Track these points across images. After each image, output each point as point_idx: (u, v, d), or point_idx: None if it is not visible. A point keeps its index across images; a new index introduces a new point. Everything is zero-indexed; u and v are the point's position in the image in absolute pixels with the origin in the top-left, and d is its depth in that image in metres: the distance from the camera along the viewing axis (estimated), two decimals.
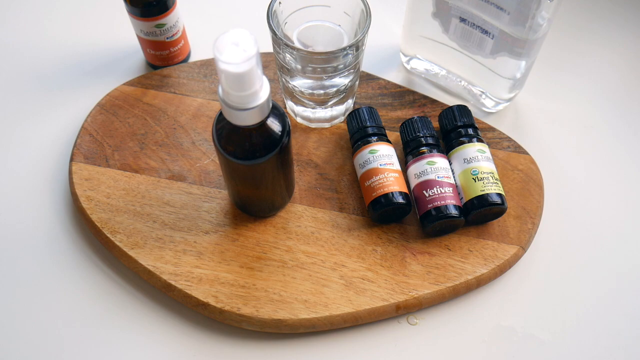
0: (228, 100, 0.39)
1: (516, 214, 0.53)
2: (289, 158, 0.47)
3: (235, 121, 0.41)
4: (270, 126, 0.43)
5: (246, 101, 0.39)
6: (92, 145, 0.56)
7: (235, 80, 0.38)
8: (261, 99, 0.39)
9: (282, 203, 0.51)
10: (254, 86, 0.38)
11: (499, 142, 0.56)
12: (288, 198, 0.52)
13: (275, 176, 0.47)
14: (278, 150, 0.43)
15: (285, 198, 0.51)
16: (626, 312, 0.50)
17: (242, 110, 0.39)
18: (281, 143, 0.43)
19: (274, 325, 0.48)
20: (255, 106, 0.39)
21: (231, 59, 0.37)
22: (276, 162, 0.44)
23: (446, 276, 0.50)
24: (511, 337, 0.49)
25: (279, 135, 0.43)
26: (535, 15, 0.48)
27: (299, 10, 0.52)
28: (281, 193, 0.50)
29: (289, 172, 0.49)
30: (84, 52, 0.64)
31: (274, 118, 0.43)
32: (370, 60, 0.63)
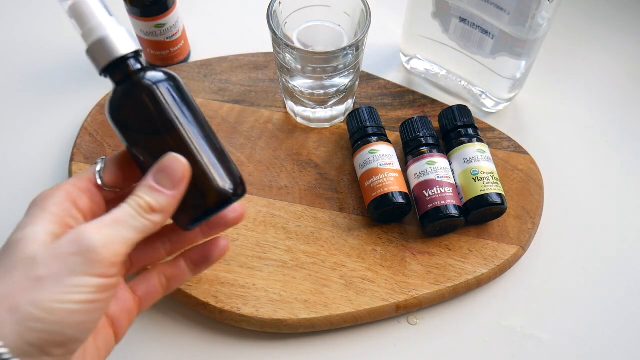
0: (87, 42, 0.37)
1: (516, 214, 0.53)
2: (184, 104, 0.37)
3: (100, 60, 0.36)
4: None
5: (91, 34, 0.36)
6: (92, 145, 0.56)
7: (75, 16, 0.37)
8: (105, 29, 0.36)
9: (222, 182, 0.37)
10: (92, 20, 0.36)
11: (499, 142, 0.56)
12: (226, 176, 0.37)
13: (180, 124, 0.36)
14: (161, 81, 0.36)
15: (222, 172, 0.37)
16: (626, 311, 0.50)
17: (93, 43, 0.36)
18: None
19: (274, 325, 0.48)
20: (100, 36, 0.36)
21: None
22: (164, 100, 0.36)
23: (446, 276, 0.50)
24: (511, 337, 0.49)
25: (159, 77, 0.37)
26: (535, 16, 0.48)
27: (299, 10, 0.52)
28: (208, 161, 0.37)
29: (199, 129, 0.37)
30: (85, 52, 0.64)
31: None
32: (370, 60, 0.63)
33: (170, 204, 0.34)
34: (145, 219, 0.33)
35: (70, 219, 0.34)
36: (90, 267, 0.31)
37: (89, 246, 0.31)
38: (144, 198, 0.33)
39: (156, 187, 0.34)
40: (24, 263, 0.31)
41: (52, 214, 0.33)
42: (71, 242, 0.31)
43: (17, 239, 0.32)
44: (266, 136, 0.57)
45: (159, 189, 0.34)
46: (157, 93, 0.36)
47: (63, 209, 0.34)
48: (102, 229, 0.32)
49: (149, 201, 0.33)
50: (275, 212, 0.53)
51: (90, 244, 0.31)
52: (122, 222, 0.32)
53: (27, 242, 0.31)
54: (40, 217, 0.33)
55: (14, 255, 0.31)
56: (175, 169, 0.34)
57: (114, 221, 0.32)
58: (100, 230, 0.32)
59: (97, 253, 0.31)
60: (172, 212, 0.35)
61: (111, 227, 0.32)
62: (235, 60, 0.61)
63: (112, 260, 0.31)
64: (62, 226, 0.33)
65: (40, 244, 0.31)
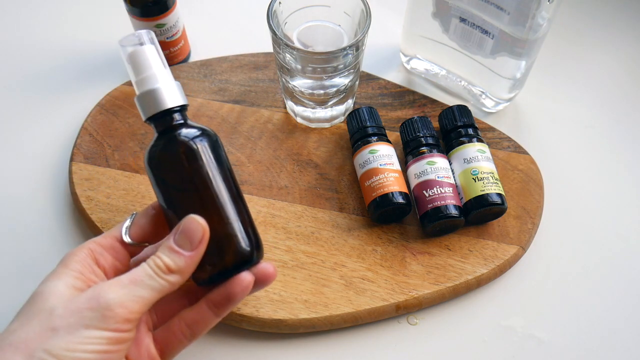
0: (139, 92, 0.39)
1: (516, 214, 0.53)
2: (223, 171, 0.39)
3: (147, 110, 0.39)
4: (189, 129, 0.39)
5: (145, 83, 0.39)
6: (92, 145, 0.56)
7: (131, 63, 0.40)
8: (159, 81, 0.39)
9: (245, 246, 0.38)
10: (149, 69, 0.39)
11: (499, 142, 0.56)
12: (252, 244, 0.39)
13: (216, 186, 0.38)
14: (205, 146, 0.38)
15: (245, 237, 0.38)
16: (626, 311, 0.50)
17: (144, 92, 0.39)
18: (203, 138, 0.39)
19: (274, 325, 0.48)
20: (153, 87, 0.39)
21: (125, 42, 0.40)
22: (206, 163, 0.38)
23: (446, 276, 0.50)
24: (511, 337, 0.49)
25: (199, 132, 0.39)
26: (535, 15, 0.48)
27: (299, 10, 0.52)
28: (235, 223, 0.38)
29: (232, 194, 0.39)
30: (84, 52, 0.64)
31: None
32: (370, 60, 0.63)
33: (188, 265, 0.36)
34: (163, 279, 0.35)
35: (91, 275, 0.36)
36: (104, 322, 0.33)
37: (105, 303, 0.33)
38: (163, 259, 0.36)
39: (175, 248, 0.36)
40: (43, 314, 0.33)
41: (73, 270, 0.36)
42: (89, 298, 0.34)
43: (40, 291, 0.35)
44: (266, 136, 0.57)
45: (178, 250, 0.36)
46: (194, 150, 0.38)
47: (84, 266, 0.36)
48: (119, 288, 0.34)
49: (167, 262, 0.36)
50: (275, 212, 0.53)
51: (105, 301, 0.33)
52: (140, 281, 0.35)
53: (47, 295, 0.34)
54: (62, 273, 0.36)
55: (35, 306, 0.34)
56: (194, 231, 0.36)
57: (131, 281, 0.35)
58: (117, 289, 0.34)
59: (112, 310, 0.33)
60: (190, 272, 0.37)
61: (128, 287, 0.34)
62: (235, 60, 0.61)
63: (126, 317, 0.34)
64: (84, 281, 0.36)
65: (60, 298, 0.34)
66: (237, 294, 0.37)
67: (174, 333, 0.38)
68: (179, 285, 0.36)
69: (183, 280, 0.36)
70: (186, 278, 0.37)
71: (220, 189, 0.38)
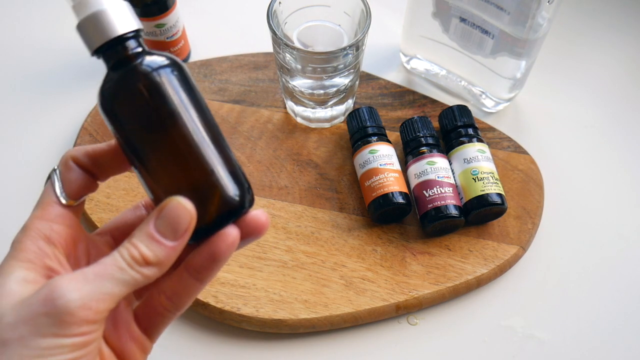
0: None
1: (516, 214, 0.53)
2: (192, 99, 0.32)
3: (93, 41, 0.32)
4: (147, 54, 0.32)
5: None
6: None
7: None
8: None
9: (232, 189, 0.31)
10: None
11: (499, 142, 0.56)
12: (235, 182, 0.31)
13: (192, 124, 0.31)
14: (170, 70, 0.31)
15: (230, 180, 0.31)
16: (626, 311, 0.50)
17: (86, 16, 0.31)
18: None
19: (274, 325, 0.48)
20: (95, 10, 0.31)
21: None
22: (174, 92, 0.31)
23: (446, 276, 0.50)
24: (511, 337, 0.49)
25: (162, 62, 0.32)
26: (535, 15, 0.48)
27: (299, 10, 0.52)
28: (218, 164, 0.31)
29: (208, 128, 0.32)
30: (84, 52, 0.64)
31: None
32: (370, 60, 0.63)
33: (169, 256, 0.30)
34: (137, 272, 0.29)
35: (46, 259, 0.30)
36: (63, 329, 0.27)
37: (63, 306, 0.27)
38: (140, 248, 0.29)
39: (156, 236, 0.29)
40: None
41: (22, 261, 0.30)
42: (43, 300, 0.27)
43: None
44: (266, 136, 0.57)
45: (159, 239, 0.29)
46: (158, 81, 0.31)
47: (34, 251, 0.30)
48: (82, 285, 0.28)
49: (145, 252, 0.29)
50: (275, 212, 0.53)
51: (63, 304, 0.27)
52: (109, 275, 0.28)
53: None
54: (11, 266, 0.29)
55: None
56: (181, 217, 0.29)
57: (97, 274, 0.28)
58: (80, 285, 0.28)
59: (73, 314, 0.27)
60: (170, 264, 0.30)
61: (94, 282, 0.28)
62: (235, 60, 0.61)
63: (90, 319, 0.27)
64: (39, 270, 0.30)
65: (9, 300, 0.28)
66: (222, 253, 0.30)
67: (155, 308, 0.32)
68: (155, 278, 0.30)
69: (161, 273, 0.30)
70: (163, 272, 0.30)
71: (196, 126, 0.31)
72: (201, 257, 0.30)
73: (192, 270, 0.31)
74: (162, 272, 0.30)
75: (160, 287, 0.32)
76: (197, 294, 0.32)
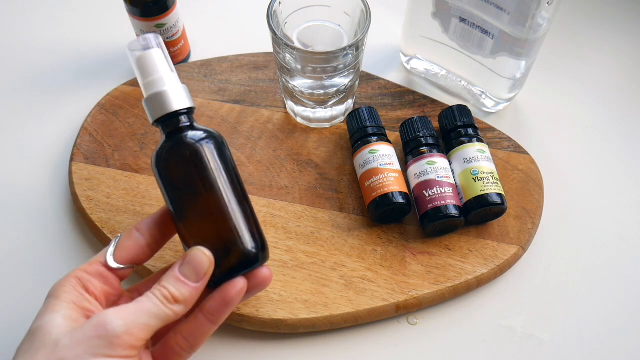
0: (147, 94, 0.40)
1: (516, 214, 0.53)
2: (230, 173, 0.40)
3: (155, 113, 0.40)
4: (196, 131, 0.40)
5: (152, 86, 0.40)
6: (92, 145, 0.56)
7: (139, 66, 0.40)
8: (166, 84, 0.40)
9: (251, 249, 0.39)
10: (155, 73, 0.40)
11: (499, 142, 0.56)
12: (256, 244, 0.39)
13: (223, 188, 0.39)
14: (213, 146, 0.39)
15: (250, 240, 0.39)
16: (626, 311, 0.50)
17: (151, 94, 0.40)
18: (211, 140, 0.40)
19: (274, 325, 0.48)
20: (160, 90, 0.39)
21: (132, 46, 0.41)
22: (214, 162, 0.39)
23: (446, 276, 0.50)
24: (511, 337, 0.49)
25: (206, 134, 0.40)
26: (535, 16, 0.48)
27: (299, 10, 0.52)
28: (242, 224, 0.39)
29: (238, 195, 0.40)
30: (84, 52, 0.64)
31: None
32: (370, 60, 0.63)
33: (193, 295, 0.37)
34: (168, 308, 0.36)
35: (86, 303, 0.36)
36: (111, 350, 0.33)
37: (111, 331, 0.33)
38: (169, 289, 0.36)
39: (181, 278, 0.36)
40: (48, 347, 0.33)
41: (66, 302, 0.36)
42: (95, 326, 0.34)
43: (37, 326, 0.35)
44: (266, 136, 0.57)
45: (184, 281, 0.36)
46: (200, 152, 0.38)
47: (75, 296, 0.36)
48: (126, 316, 0.34)
49: (173, 292, 0.36)
50: (275, 212, 0.53)
51: (112, 329, 0.33)
52: (146, 310, 0.35)
53: (48, 329, 0.34)
54: (56, 305, 0.35)
55: (37, 340, 0.34)
56: (201, 263, 0.37)
57: (137, 309, 0.35)
58: (124, 315, 0.34)
59: (119, 337, 0.33)
60: (193, 303, 0.37)
61: (134, 315, 0.35)
62: (235, 60, 0.61)
63: (133, 344, 0.34)
64: (79, 312, 0.36)
65: (61, 329, 0.34)
66: (232, 298, 0.37)
67: (172, 347, 0.38)
68: (182, 315, 0.37)
69: (186, 311, 0.37)
70: (189, 308, 0.37)
71: (226, 190, 0.38)
72: (214, 302, 0.37)
73: (207, 313, 0.38)
74: (188, 310, 0.37)
75: (178, 329, 0.38)
76: (210, 334, 0.38)
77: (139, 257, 0.39)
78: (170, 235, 0.41)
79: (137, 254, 0.39)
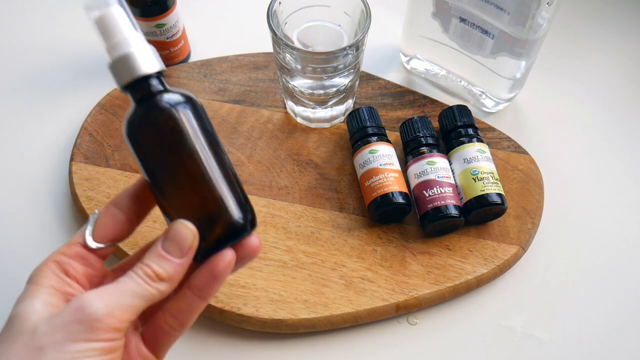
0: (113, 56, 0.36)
1: (516, 214, 0.53)
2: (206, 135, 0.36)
3: (122, 78, 0.36)
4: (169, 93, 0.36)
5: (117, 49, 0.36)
6: (92, 145, 0.56)
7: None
8: (131, 45, 0.36)
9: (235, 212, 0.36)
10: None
11: (499, 142, 0.56)
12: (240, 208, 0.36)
13: (203, 151, 0.35)
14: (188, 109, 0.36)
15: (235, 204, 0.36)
16: (626, 311, 0.50)
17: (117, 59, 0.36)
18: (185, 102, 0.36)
19: (274, 325, 0.48)
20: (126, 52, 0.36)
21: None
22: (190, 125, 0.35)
23: (446, 276, 0.50)
24: (511, 337, 0.49)
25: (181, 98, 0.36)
26: (535, 16, 0.48)
27: (299, 10, 0.52)
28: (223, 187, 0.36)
29: (217, 156, 0.36)
30: (84, 52, 0.64)
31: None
32: (370, 60, 0.63)
33: (178, 272, 0.34)
34: (152, 287, 0.34)
35: (66, 287, 0.34)
36: (93, 334, 0.31)
37: (92, 314, 0.31)
38: (152, 266, 0.34)
39: (164, 255, 0.34)
40: (26, 334, 0.31)
41: (45, 287, 0.34)
42: (74, 310, 0.32)
43: (15, 314, 0.33)
44: (266, 136, 0.57)
45: (167, 257, 0.34)
46: (176, 118, 0.35)
47: (55, 280, 0.34)
48: (107, 297, 0.32)
49: (156, 269, 0.34)
50: (275, 212, 0.53)
51: (92, 312, 0.31)
52: (128, 290, 0.33)
53: (26, 315, 0.32)
54: (35, 291, 0.33)
55: (15, 328, 0.32)
56: (184, 237, 0.34)
57: (119, 289, 0.33)
58: (104, 297, 0.32)
59: (100, 321, 0.31)
60: (179, 279, 0.35)
61: (116, 295, 0.32)
62: (235, 60, 0.61)
63: (116, 326, 0.32)
64: (59, 297, 0.34)
65: (39, 316, 0.32)
66: (220, 271, 0.35)
67: (161, 327, 0.36)
68: (168, 293, 0.35)
69: (172, 288, 0.35)
70: (175, 286, 0.35)
71: (207, 157, 0.35)
72: (202, 276, 0.35)
73: (195, 289, 0.35)
74: (173, 287, 0.34)
75: (166, 308, 0.36)
76: (199, 311, 0.36)
77: (119, 234, 0.36)
78: (151, 207, 0.38)
79: (117, 230, 0.36)
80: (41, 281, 0.34)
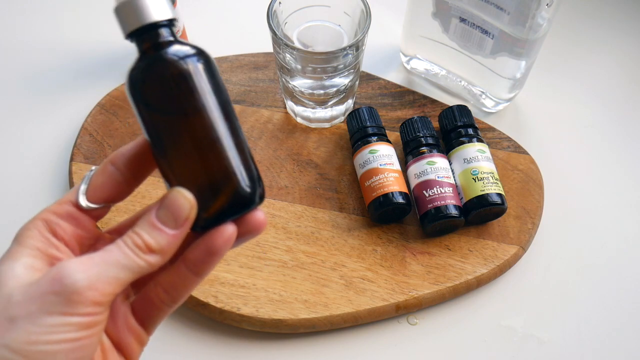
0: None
1: (516, 214, 0.53)
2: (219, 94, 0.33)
3: (129, 25, 0.33)
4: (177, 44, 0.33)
5: None
6: (92, 145, 0.56)
7: None
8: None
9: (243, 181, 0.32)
10: None
11: (499, 142, 0.56)
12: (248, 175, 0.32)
13: (213, 118, 0.32)
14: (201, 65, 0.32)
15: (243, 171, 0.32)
16: (626, 311, 0.50)
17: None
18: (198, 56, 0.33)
19: (274, 325, 0.48)
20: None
21: None
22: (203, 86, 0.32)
23: (446, 276, 0.50)
24: (511, 337, 0.49)
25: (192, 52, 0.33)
26: (535, 16, 0.48)
27: (299, 10, 0.52)
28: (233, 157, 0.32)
29: (231, 125, 0.32)
30: (85, 52, 0.64)
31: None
32: (370, 60, 0.63)
33: (170, 244, 0.31)
34: (141, 258, 0.30)
35: (52, 249, 0.31)
36: (70, 307, 0.28)
37: (71, 285, 0.28)
38: (142, 236, 0.30)
39: (157, 224, 0.31)
40: (0, 302, 0.28)
41: (29, 248, 0.31)
42: (51, 279, 0.28)
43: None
44: (266, 136, 0.57)
45: (160, 227, 0.31)
46: (186, 71, 0.31)
47: (40, 240, 0.31)
48: (89, 267, 0.29)
49: (147, 239, 0.30)
50: (275, 212, 0.53)
51: (71, 283, 0.28)
52: (114, 261, 0.30)
53: (3, 280, 0.29)
54: (17, 252, 0.31)
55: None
56: (181, 207, 0.30)
57: (104, 259, 0.30)
58: (87, 267, 0.29)
59: (80, 293, 0.28)
60: (172, 252, 0.31)
61: (100, 266, 0.29)
62: (235, 60, 0.61)
63: (97, 300, 0.29)
64: (43, 259, 0.31)
65: (17, 281, 0.29)
66: (218, 247, 0.31)
67: (152, 300, 0.33)
68: (159, 266, 0.31)
69: (164, 261, 0.31)
70: (167, 259, 0.31)
71: (217, 117, 0.31)
72: (198, 251, 0.31)
73: (190, 263, 0.32)
74: (165, 260, 0.31)
75: (158, 280, 0.33)
76: (193, 287, 0.33)
77: (115, 195, 0.33)
78: (151, 169, 0.34)
79: (113, 191, 0.33)
80: (26, 241, 0.31)
